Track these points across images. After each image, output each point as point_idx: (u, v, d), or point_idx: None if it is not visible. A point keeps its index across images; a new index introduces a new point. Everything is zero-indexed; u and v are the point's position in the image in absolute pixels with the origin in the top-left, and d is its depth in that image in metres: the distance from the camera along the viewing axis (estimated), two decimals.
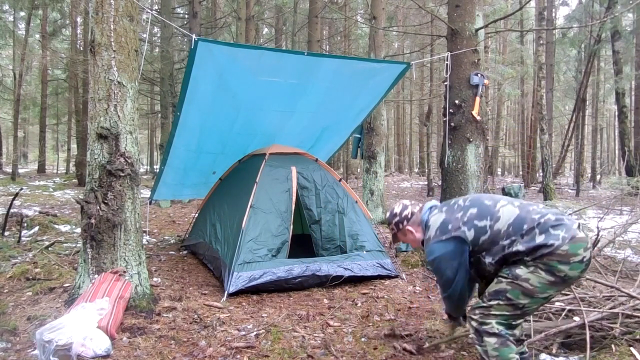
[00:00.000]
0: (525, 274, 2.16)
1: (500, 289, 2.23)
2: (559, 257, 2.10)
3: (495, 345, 2.21)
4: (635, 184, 10.45)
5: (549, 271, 2.12)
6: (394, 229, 2.64)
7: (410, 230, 2.58)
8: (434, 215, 2.49)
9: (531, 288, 2.15)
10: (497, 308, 2.23)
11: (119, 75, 3.52)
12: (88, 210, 3.48)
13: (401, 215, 2.60)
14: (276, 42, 18.83)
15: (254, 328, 3.37)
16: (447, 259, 2.34)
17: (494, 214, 2.29)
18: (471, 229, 2.30)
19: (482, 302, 2.31)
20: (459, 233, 2.31)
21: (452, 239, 2.33)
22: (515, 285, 2.18)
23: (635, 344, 2.80)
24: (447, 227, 2.36)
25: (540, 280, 2.14)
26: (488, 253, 2.28)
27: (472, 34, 5.26)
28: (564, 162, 19.36)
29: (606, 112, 27.73)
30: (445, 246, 2.35)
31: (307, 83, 5.06)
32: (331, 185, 5.12)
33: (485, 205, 2.36)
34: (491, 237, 2.25)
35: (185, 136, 5.17)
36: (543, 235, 2.14)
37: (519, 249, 2.16)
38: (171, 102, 12.18)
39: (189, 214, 9.33)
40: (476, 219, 2.31)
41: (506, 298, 2.20)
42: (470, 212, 2.35)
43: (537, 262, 2.14)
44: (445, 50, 5.48)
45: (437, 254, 2.37)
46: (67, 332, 2.74)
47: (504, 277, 2.23)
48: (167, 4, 13.43)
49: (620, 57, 15.28)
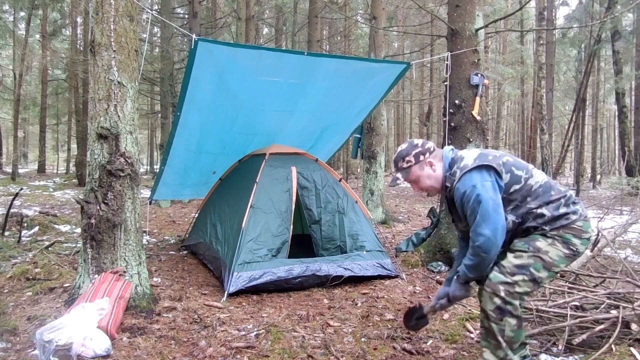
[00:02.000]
0: (545, 246, 2.15)
1: (523, 263, 2.15)
2: (574, 230, 2.15)
3: (514, 327, 2.16)
4: (635, 184, 10.47)
5: (566, 244, 2.15)
6: (410, 162, 2.31)
7: (432, 163, 2.31)
8: (463, 151, 2.33)
9: (550, 261, 2.14)
10: (521, 285, 2.15)
11: (119, 75, 3.52)
12: (88, 210, 3.48)
13: (424, 147, 2.33)
14: (276, 42, 18.84)
15: (254, 328, 3.37)
16: (488, 188, 2.12)
17: (529, 169, 2.24)
18: (508, 173, 2.19)
19: (502, 276, 2.16)
20: (498, 167, 2.17)
21: (493, 169, 2.17)
22: (538, 258, 2.14)
23: (635, 344, 2.80)
24: (486, 157, 2.21)
25: (558, 253, 2.14)
26: (514, 211, 2.19)
27: (472, 34, 5.26)
28: (564, 162, 19.34)
29: (606, 112, 27.74)
30: (484, 174, 2.15)
31: (307, 83, 5.07)
32: (331, 185, 5.12)
33: (519, 160, 2.31)
34: (522, 191, 2.18)
35: (185, 136, 5.18)
36: (566, 207, 2.17)
37: (544, 212, 2.15)
38: (171, 102, 12.18)
39: (189, 214, 9.34)
40: (513, 166, 2.22)
41: (530, 273, 2.14)
42: (507, 158, 2.25)
43: (554, 233, 2.15)
44: (445, 50, 5.48)
45: (477, 180, 2.13)
46: (67, 332, 2.74)
47: (524, 251, 2.17)
48: (167, 4, 13.43)
49: (620, 57, 15.29)
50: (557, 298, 3.47)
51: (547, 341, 2.98)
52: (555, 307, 3.23)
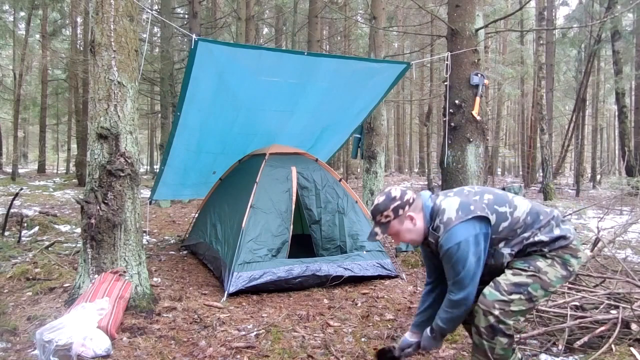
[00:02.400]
0: (545, 266, 2.12)
1: (521, 282, 2.11)
2: (571, 250, 2.14)
3: (505, 346, 2.13)
4: (635, 184, 10.46)
5: (564, 264, 2.13)
6: (389, 216, 2.19)
7: (412, 217, 2.19)
8: (442, 199, 2.21)
9: (548, 281, 2.11)
10: (517, 303, 2.10)
11: (119, 75, 3.52)
12: (88, 210, 3.48)
13: (402, 199, 2.18)
14: (276, 42, 18.84)
15: (254, 328, 3.37)
16: (473, 242, 2.07)
17: (511, 202, 2.20)
18: (493, 214, 2.14)
19: (498, 294, 2.11)
20: (484, 213, 2.11)
21: (479, 219, 2.10)
22: (537, 278, 2.11)
23: (635, 344, 2.80)
24: (469, 207, 2.12)
25: (556, 273, 2.12)
26: (507, 243, 2.15)
27: (472, 34, 5.26)
28: (564, 162, 19.35)
29: (606, 112, 27.73)
30: (471, 227, 2.08)
31: (307, 83, 5.07)
32: (331, 185, 5.12)
33: (499, 193, 2.24)
34: (510, 225, 2.14)
35: (185, 136, 5.18)
36: (559, 228, 2.16)
37: (542, 239, 2.13)
38: (171, 102, 12.18)
39: (189, 214, 9.34)
40: (496, 204, 2.16)
41: (527, 292, 2.10)
42: (486, 197, 2.19)
43: (553, 254, 2.13)
44: (445, 50, 5.48)
45: (463, 236, 2.06)
46: (67, 332, 2.74)
47: (523, 270, 2.12)
48: (167, 4, 13.44)
49: (620, 57, 15.29)
50: (557, 298, 3.47)
51: (547, 341, 2.98)
52: (555, 307, 3.23)
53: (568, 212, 9.65)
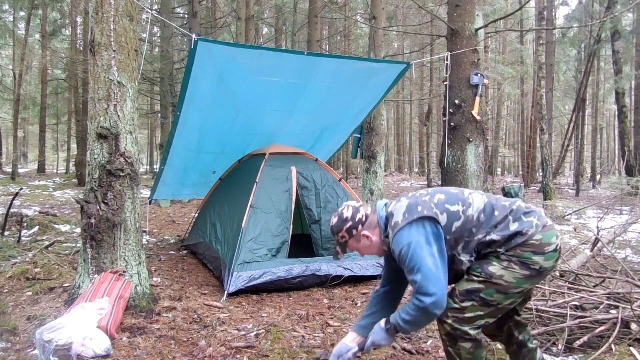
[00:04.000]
0: (498, 271, 1.99)
1: (473, 289, 2.02)
2: (533, 247, 1.97)
3: (470, 350, 2.05)
4: (635, 184, 10.47)
5: (524, 264, 1.97)
6: (344, 237, 2.18)
7: (367, 235, 2.16)
8: (393, 205, 2.14)
9: (506, 285, 1.98)
10: (471, 310, 2.02)
11: (119, 75, 3.52)
12: (88, 210, 3.48)
13: (354, 220, 2.16)
14: (276, 42, 18.84)
15: (254, 328, 3.37)
16: (423, 243, 1.97)
17: (465, 200, 2.09)
18: (444, 213, 2.04)
19: (452, 302, 2.05)
20: (432, 214, 2.02)
21: (426, 219, 2.01)
22: (489, 284, 1.99)
23: (635, 344, 2.80)
24: (416, 209, 2.04)
25: (515, 275, 1.97)
26: (465, 249, 2.05)
27: (472, 34, 5.26)
28: (564, 162, 19.36)
29: (606, 112, 27.75)
30: (418, 229, 2.00)
31: (307, 83, 5.07)
32: (331, 185, 5.12)
33: (452, 192, 2.15)
34: (464, 225, 2.03)
35: (185, 136, 5.18)
36: (517, 223, 2.00)
37: (494, 238, 2.00)
38: (171, 102, 12.19)
39: (189, 214, 9.34)
40: (447, 204, 2.07)
41: (480, 298, 2.01)
42: (438, 197, 2.10)
43: (510, 254, 1.98)
44: (445, 50, 5.49)
45: (410, 239, 1.98)
46: (67, 332, 2.73)
47: (476, 276, 2.03)
48: (167, 4, 13.44)
49: (620, 57, 15.30)
50: (557, 298, 3.47)
51: (547, 341, 2.98)
52: (555, 307, 3.23)
53: (568, 212, 9.67)
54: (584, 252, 5.09)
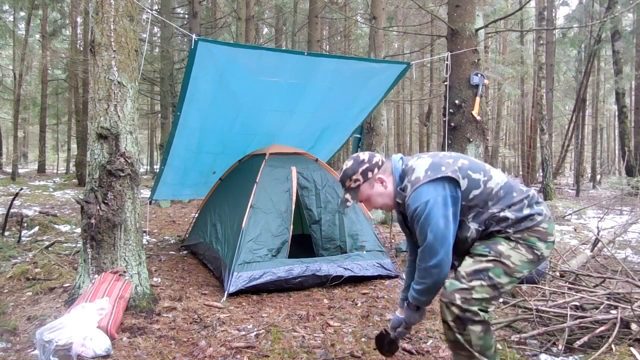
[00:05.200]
0: (507, 250, 2.00)
1: (481, 268, 2.00)
2: (538, 233, 2.02)
3: (480, 334, 1.98)
4: (635, 184, 10.47)
5: (530, 247, 2.01)
6: (359, 180, 2.14)
7: (382, 179, 2.14)
8: (414, 161, 2.13)
9: (512, 266, 1.99)
10: (479, 290, 1.97)
11: (119, 75, 3.52)
12: (88, 210, 3.48)
13: (371, 162, 2.15)
14: (276, 42, 18.84)
15: (254, 328, 3.37)
16: (441, 203, 1.96)
17: (487, 171, 2.09)
18: (465, 178, 2.02)
19: (459, 283, 2.01)
20: (455, 175, 2.00)
21: (448, 180, 2.00)
22: (498, 263, 1.99)
23: (635, 344, 2.80)
24: (439, 168, 2.02)
25: (520, 257, 2.00)
26: (475, 218, 2.04)
27: (472, 34, 5.26)
28: (564, 162, 19.36)
29: (606, 112, 27.76)
30: (440, 187, 1.98)
31: (307, 83, 5.07)
32: (331, 185, 5.12)
33: (475, 160, 2.14)
34: (482, 196, 2.03)
35: (185, 136, 5.18)
36: (529, 209, 2.04)
37: (507, 215, 2.01)
38: (171, 102, 12.19)
39: (189, 214, 9.34)
40: (470, 170, 2.05)
41: (489, 278, 1.98)
42: (462, 162, 2.08)
43: (517, 236, 2.01)
44: (445, 50, 5.49)
45: (430, 196, 1.97)
46: (67, 332, 2.74)
47: (484, 255, 2.01)
48: (167, 4, 13.43)
49: (620, 57, 15.30)
50: (557, 298, 3.47)
51: (547, 341, 2.98)
52: (555, 307, 3.23)
53: (568, 212, 9.67)
54: (584, 252, 5.09)
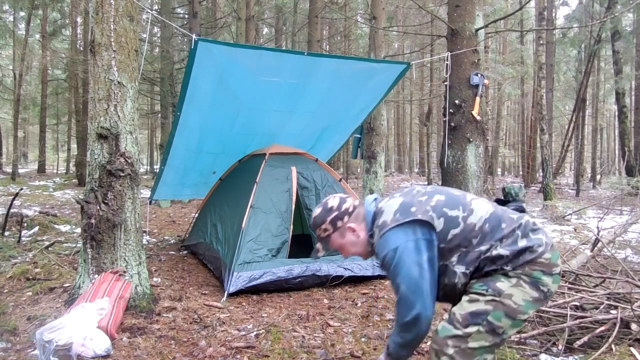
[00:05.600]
0: (508, 288, 1.72)
1: (479, 311, 1.73)
2: (542, 265, 1.74)
3: None
4: (635, 184, 10.47)
5: (534, 284, 1.73)
6: (327, 230, 1.94)
7: (353, 228, 1.92)
8: (385, 201, 1.91)
9: (515, 307, 1.72)
10: (476, 337, 1.72)
11: (119, 75, 3.52)
12: (88, 210, 3.48)
13: (340, 209, 1.92)
14: (276, 42, 18.83)
15: (254, 328, 3.37)
16: (412, 249, 1.72)
17: (466, 205, 1.83)
18: (441, 218, 1.78)
19: (452, 327, 1.76)
20: (426, 217, 1.76)
21: (419, 223, 1.76)
22: (498, 304, 1.72)
23: (635, 344, 2.81)
24: (409, 209, 1.79)
25: (524, 296, 1.73)
26: (460, 260, 1.78)
27: (472, 34, 5.26)
28: (564, 162, 19.36)
29: (606, 112, 27.75)
30: (410, 231, 1.75)
31: (307, 83, 5.07)
32: (331, 185, 5.12)
33: (453, 194, 1.89)
34: (464, 234, 1.77)
35: (185, 136, 5.18)
36: (525, 239, 1.76)
37: (501, 252, 1.74)
38: (171, 102, 12.18)
39: (189, 214, 9.34)
40: (446, 207, 1.81)
41: (487, 322, 1.71)
42: (437, 198, 1.84)
43: (518, 272, 1.74)
44: (445, 50, 5.49)
45: (399, 242, 1.74)
46: (67, 332, 2.74)
47: (481, 295, 1.75)
48: (167, 4, 13.43)
49: (620, 57, 15.29)
50: (557, 298, 3.47)
51: (547, 341, 2.98)
52: (555, 307, 3.23)
53: (568, 212, 9.67)
54: (584, 252, 5.10)
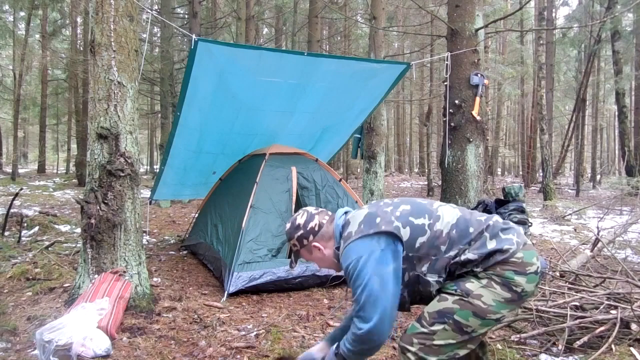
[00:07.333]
0: (477, 288, 1.72)
1: (445, 309, 1.74)
2: (514, 265, 1.72)
3: None
4: (635, 184, 10.47)
5: (505, 285, 1.72)
6: (296, 246, 1.99)
7: (318, 247, 1.94)
8: (352, 214, 1.94)
9: (484, 307, 1.71)
10: (442, 335, 1.73)
11: (119, 75, 3.52)
12: (88, 210, 3.48)
13: (306, 228, 1.94)
14: (276, 42, 18.83)
15: (254, 328, 3.37)
16: (374, 261, 1.71)
17: (432, 213, 1.84)
18: (406, 227, 1.79)
19: (419, 326, 1.78)
20: (391, 228, 1.77)
21: (383, 234, 1.76)
22: (466, 303, 1.72)
23: (635, 344, 2.81)
24: (374, 220, 1.81)
25: (494, 297, 1.71)
26: (431, 268, 1.78)
27: (472, 34, 5.27)
28: (564, 162, 19.36)
29: (606, 112, 27.75)
30: (374, 242, 1.75)
31: (307, 83, 5.07)
32: (331, 185, 5.12)
33: (419, 203, 1.91)
34: (431, 241, 1.77)
35: (185, 136, 5.18)
36: (494, 240, 1.76)
37: (469, 257, 1.74)
38: (171, 102, 12.18)
39: (189, 214, 9.33)
40: (411, 216, 1.82)
41: (454, 321, 1.72)
42: (402, 208, 1.86)
43: (489, 272, 1.73)
44: (445, 50, 5.49)
45: (362, 252, 1.73)
46: (67, 332, 2.74)
47: (450, 294, 1.76)
48: (167, 4, 13.43)
49: (620, 57, 15.29)
50: (557, 298, 3.48)
51: (547, 341, 2.98)
52: (555, 307, 3.23)
53: (568, 212, 9.68)
54: (584, 252, 5.10)
